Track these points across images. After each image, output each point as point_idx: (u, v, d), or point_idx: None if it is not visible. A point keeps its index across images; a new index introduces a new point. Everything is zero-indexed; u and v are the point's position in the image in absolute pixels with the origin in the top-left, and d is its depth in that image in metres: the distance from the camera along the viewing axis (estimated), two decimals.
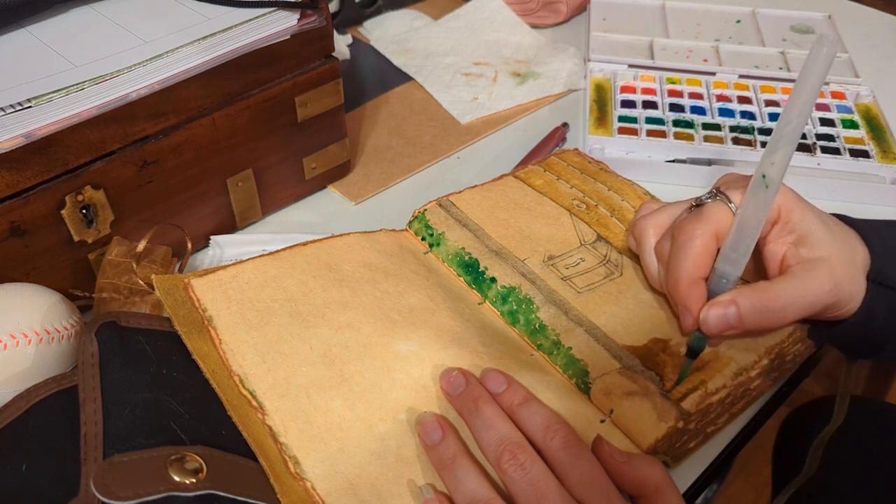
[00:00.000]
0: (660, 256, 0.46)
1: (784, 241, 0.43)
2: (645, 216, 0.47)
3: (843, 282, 0.42)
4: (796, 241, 0.43)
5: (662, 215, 0.47)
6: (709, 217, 0.43)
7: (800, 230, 0.43)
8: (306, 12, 0.55)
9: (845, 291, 0.42)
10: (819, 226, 0.43)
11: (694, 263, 0.42)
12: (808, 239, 0.43)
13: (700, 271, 0.43)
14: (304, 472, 0.37)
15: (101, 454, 0.35)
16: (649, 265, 0.47)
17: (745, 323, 0.41)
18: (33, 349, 0.41)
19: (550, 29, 0.89)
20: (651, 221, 0.47)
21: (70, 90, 0.45)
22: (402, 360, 0.43)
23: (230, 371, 0.41)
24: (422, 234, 0.53)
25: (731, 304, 0.41)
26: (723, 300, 0.42)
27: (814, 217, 0.43)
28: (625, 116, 0.70)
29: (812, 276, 0.42)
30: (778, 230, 0.43)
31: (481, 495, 0.36)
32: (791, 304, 0.42)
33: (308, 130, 0.59)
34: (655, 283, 0.47)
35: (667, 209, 0.47)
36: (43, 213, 0.46)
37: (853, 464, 0.67)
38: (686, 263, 0.42)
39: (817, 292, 0.41)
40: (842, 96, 0.73)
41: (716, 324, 0.41)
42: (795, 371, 0.48)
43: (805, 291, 0.42)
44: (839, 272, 0.42)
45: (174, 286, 0.45)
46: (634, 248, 0.49)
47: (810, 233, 0.43)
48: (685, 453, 0.43)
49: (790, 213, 0.43)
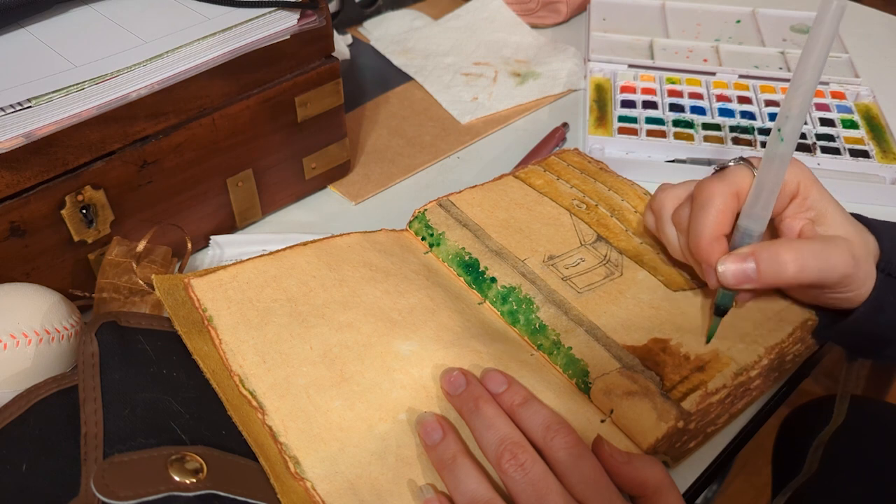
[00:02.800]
0: (678, 224, 0.46)
1: (802, 217, 0.44)
2: (664, 190, 0.48)
3: (861, 258, 0.42)
4: (814, 218, 0.44)
5: (680, 188, 0.47)
6: (730, 177, 0.43)
7: (818, 208, 0.43)
8: (306, 12, 0.55)
9: (862, 269, 0.43)
10: (835, 207, 0.44)
11: (716, 220, 0.43)
12: (825, 218, 0.43)
13: (722, 228, 0.43)
14: (305, 472, 0.37)
15: (101, 454, 0.35)
16: (669, 235, 0.47)
17: (763, 275, 0.41)
18: (33, 349, 0.41)
19: (550, 29, 0.89)
20: (669, 194, 0.47)
21: (70, 90, 0.45)
22: (403, 360, 0.43)
23: (230, 371, 0.41)
24: (422, 234, 0.53)
25: (749, 257, 0.41)
26: (742, 252, 0.42)
27: (830, 198, 0.44)
28: (625, 116, 0.70)
29: (834, 243, 0.42)
30: (796, 206, 0.44)
31: (481, 495, 0.36)
32: (811, 260, 0.41)
33: (308, 130, 0.59)
34: (676, 252, 0.47)
35: (685, 184, 0.48)
36: (43, 213, 0.46)
37: (853, 464, 0.67)
38: (707, 220, 0.43)
39: (837, 258, 0.42)
40: (842, 96, 0.73)
41: (733, 275, 0.42)
42: (795, 371, 0.48)
43: (826, 253, 0.42)
44: (857, 249, 0.42)
45: (174, 286, 0.45)
46: (652, 226, 0.49)
47: (828, 212, 0.43)
48: (685, 453, 0.43)
49: (808, 189, 0.43)
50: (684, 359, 0.43)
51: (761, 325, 0.45)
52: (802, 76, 0.40)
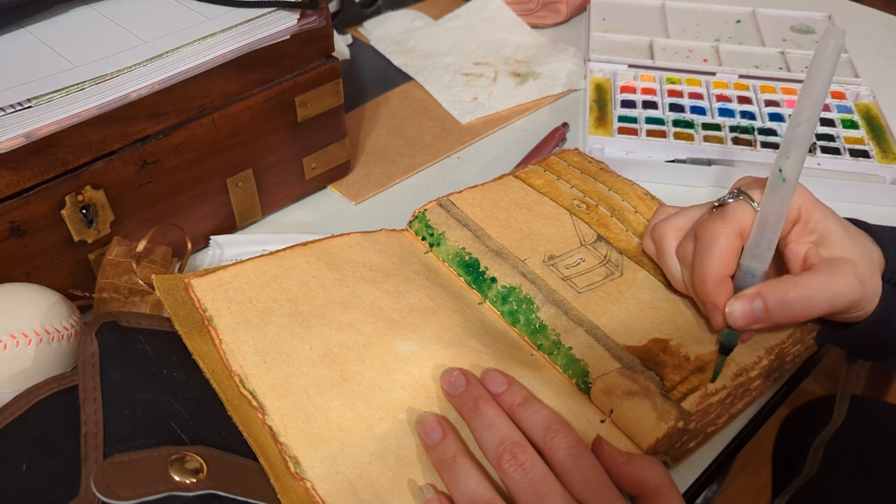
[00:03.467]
0: (682, 259, 0.46)
1: (805, 241, 0.44)
2: (663, 220, 0.47)
3: (866, 279, 0.42)
4: (817, 241, 0.43)
5: (681, 219, 0.47)
6: (732, 216, 0.43)
7: (820, 230, 0.43)
8: (306, 12, 0.55)
9: (869, 289, 0.43)
10: (838, 227, 0.43)
11: (720, 262, 0.42)
12: (828, 239, 0.43)
13: (726, 269, 0.43)
14: (305, 472, 0.37)
15: (101, 454, 0.35)
16: (672, 269, 0.47)
17: (772, 315, 0.41)
18: (33, 349, 0.41)
19: (550, 29, 0.89)
20: (670, 225, 0.47)
21: (70, 90, 0.45)
22: (403, 360, 0.43)
23: (230, 371, 0.41)
24: (422, 234, 0.53)
25: (756, 297, 0.41)
26: (748, 293, 0.42)
27: (832, 218, 0.44)
28: (625, 116, 0.70)
29: (838, 271, 0.42)
30: (799, 230, 0.44)
31: (481, 495, 0.36)
32: (818, 296, 0.42)
33: (308, 130, 0.59)
34: (680, 285, 0.47)
35: (685, 213, 0.47)
36: (43, 213, 0.46)
37: (853, 464, 0.67)
38: (712, 262, 0.43)
39: (843, 286, 0.42)
40: (842, 96, 0.73)
41: (742, 317, 0.41)
42: (795, 371, 0.48)
43: (831, 284, 0.42)
44: (862, 270, 0.42)
45: (174, 286, 0.45)
46: (653, 253, 0.49)
47: (830, 233, 0.43)
48: (685, 453, 0.43)
49: (810, 213, 0.43)
50: (684, 359, 0.43)
51: None
52: (801, 112, 0.40)
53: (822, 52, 0.38)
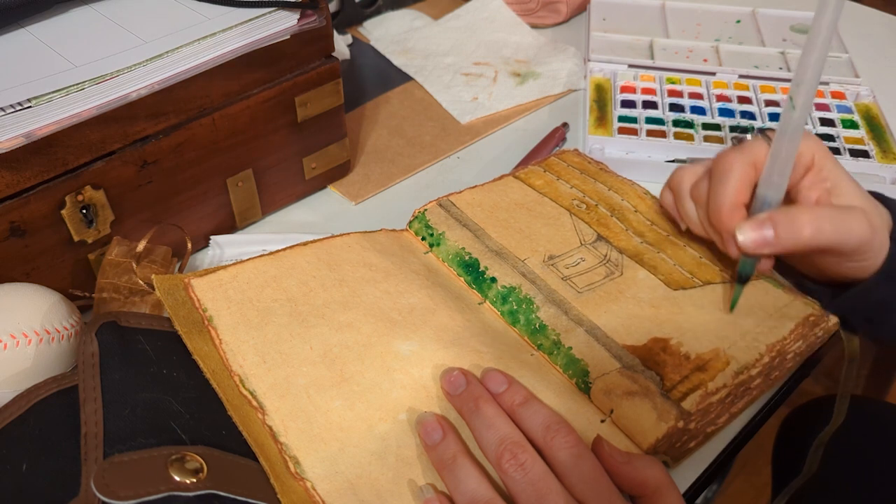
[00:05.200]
0: (697, 198, 0.47)
1: (818, 188, 0.45)
2: (682, 167, 0.49)
3: (877, 228, 0.43)
4: (830, 189, 0.45)
5: (698, 166, 0.48)
6: (748, 148, 0.44)
7: (833, 178, 0.44)
8: (306, 12, 0.55)
9: (878, 238, 0.44)
10: (850, 179, 0.45)
11: (735, 189, 0.44)
12: (840, 188, 0.44)
13: (741, 197, 0.44)
14: (305, 472, 0.37)
15: (101, 454, 0.35)
16: (688, 210, 0.48)
17: (781, 238, 0.42)
18: (33, 349, 0.41)
19: (550, 29, 0.89)
20: (688, 170, 0.48)
21: (70, 90, 0.45)
22: (403, 360, 0.43)
23: (230, 371, 0.41)
24: (422, 234, 0.53)
25: (767, 221, 0.43)
26: (759, 218, 0.43)
27: (844, 171, 0.45)
28: (625, 116, 0.70)
29: (849, 211, 0.43)
30: (812, 177, 0.45)
31: (481, 495, 0.36)
32: (828, 224, 0.42)
33: (308, 130, 0.59)
34: (696, 227, 0.48)
35: (702, 162, 0.48)
36: (43, 213, 0.46)
37: (853, 464, 0.67)
38: (727, 190, 0.44)
39: (854, 223, 0.43)
40: (842, 96, 0.73)
41: (752, 240, 0.43)
42: (795, 371, 0.48)
43: (843, 217, 0.43)
44: (873, 218, 0.44)
45: (174, 286, 0.45)
46: (671, 205, 0.50)
47: (843, 184, 0.44)
48: (685, 453, 0.43)
49: (823, 161, 0.44)
50: (684, 358, 0.43)
51: (762, 322, 0.45)
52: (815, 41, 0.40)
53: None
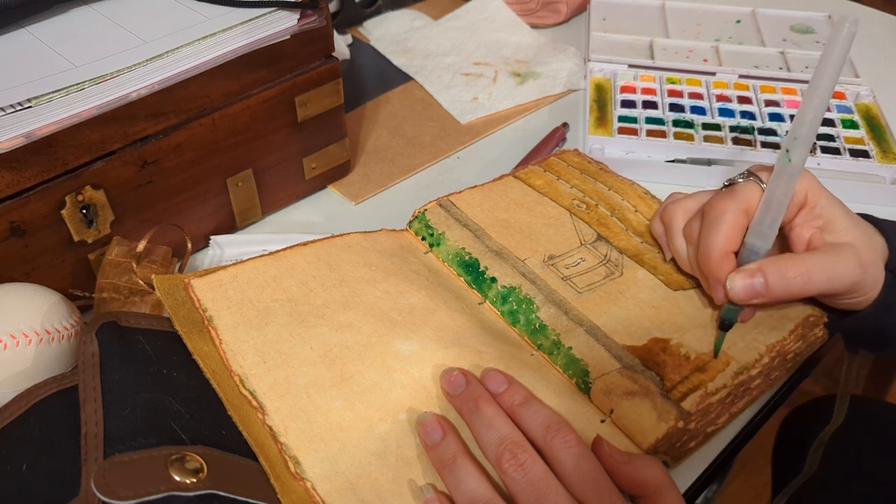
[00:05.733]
0: (689, 237, 0.47)
1: (811, 226, 0.45)
2: (674, 201, 0.49)
3: (868, 264, 0.43)
4: (822, 226, 0.44)
5: (690, 201, 0.48)
6: (740, 194, 0.44)
7: (826, 216, 0.44)
8: (306, 12, 0.55)
9: (870, 274, 0.43)
10: (843, 213, 0.44)
11: (725, 237, 0.44)
12: (833, 225, 0.44)
13: (731, 244, 0.44)
14: (305, 472, 0.37)
15: (101, 454, 0.35)
16: (678, 247, 0.48)
17: (771, 289, 0.42)
18: (33, 349, 0.41)
19: (550, 29, 0.89)
20: (680, 206, 0.48)
21: (70, 90, 0.45)
22: (403, 360, 0.43)
23: (230, 371, 0.41)
24: (422, 234, 0.53)
25: (757, 272, 0.42)
26: (750, 268, 0.43)
27: (838, 205, 0.45)
28: (625, 116, 0.70)
29: (840, 253, 0.43)
30: (805, 215, 0.45)
31: (481, 495, 0.36)
32: (817, 273, 0.42)
33: (308, 130, 0.59)
34: (685, 264, 0.48)
35: (694, 196, 0.48)
36: (43, 213, 0.46)
37: (853, 464, 0.67)
38: (717, 237, 0.44)
39: (844, 267, 0.43)
40: (842, 96, 0.73)
41: (742, 290, 0.42)
42: (795, 371, 0.48)
43: (832, 263, 0.43)
44: (864, 255, 0.43)
45: (174, 286, 0.45)
46: (661, 235, 0.50)
47: (836, 219, 0.44)
48: (685, 453, 0.43)
49: (816, 198, 0.44)
50: (684, 359, 0.43)
51: (762, 322, 0.45)
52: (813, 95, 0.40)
53: (836, 36, 0.39)
